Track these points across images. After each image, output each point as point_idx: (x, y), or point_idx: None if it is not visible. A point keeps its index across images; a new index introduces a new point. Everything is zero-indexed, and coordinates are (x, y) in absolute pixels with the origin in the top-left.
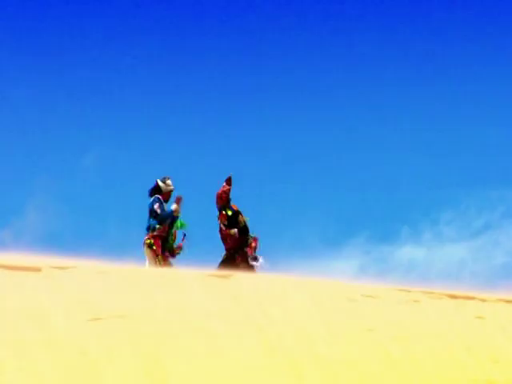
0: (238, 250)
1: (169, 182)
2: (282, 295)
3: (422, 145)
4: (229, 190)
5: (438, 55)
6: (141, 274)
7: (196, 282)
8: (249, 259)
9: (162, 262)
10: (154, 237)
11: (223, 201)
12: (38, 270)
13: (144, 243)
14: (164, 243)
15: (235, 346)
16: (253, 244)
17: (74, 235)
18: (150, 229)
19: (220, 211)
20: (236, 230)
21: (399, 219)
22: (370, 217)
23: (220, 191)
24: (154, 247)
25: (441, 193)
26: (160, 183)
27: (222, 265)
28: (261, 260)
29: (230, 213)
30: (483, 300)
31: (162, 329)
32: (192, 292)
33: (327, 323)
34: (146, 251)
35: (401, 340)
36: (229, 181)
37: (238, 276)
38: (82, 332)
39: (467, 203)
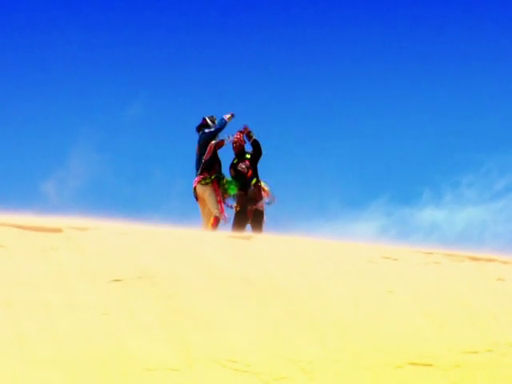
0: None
1: (216, 122)
2: (303, 257)
3: (444, 108)
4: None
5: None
6: (162, 235)
7: (217, 243)
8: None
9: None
10: (210, 176)
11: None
12: (58, 230)
13: (200, 183)
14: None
15: (257, 309)
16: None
17: (116, 186)
18: (204, 168)
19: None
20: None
21: (421, 181)
22: (391, 179)
23: (235, 139)
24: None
25: (462, 155)
26: (208, 120)
27: (238, 220)
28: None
29: (248, 156)
30: (504, 262)
31: (184, 290)
32: (213, 253)
33: (348, 285)
34: (206, 191)
35: (421, 302)
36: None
37: (258, 238)
38: (103, 293)
39: (488, 166)
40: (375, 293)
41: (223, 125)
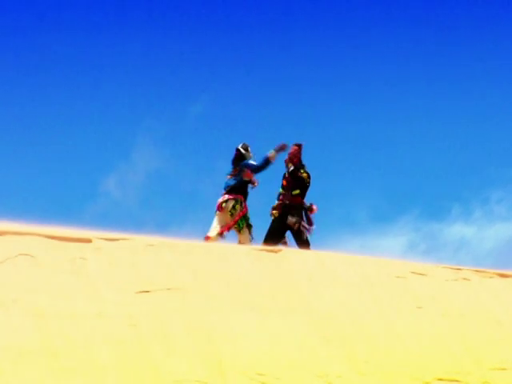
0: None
1: (249, 149)
2: (331, 271)
3: (474, 121)
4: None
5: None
6: (190, 247)
7: (246, 256)
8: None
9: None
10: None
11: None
12: (88, 241)
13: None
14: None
15: (285, 322)
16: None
17: (176, 181)
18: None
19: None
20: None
21: (450, 197)
22: (420, 194)
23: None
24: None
25: (492, 171)
26: (242, 150)
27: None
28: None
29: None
30: None
31: (212, 303)
32: (242, 266)
33: (376, 300)
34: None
35: (450, 317)
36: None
37: (287, 251)
38: (131, 304)
39: None
40: (404, 308)
41: (265, 164)
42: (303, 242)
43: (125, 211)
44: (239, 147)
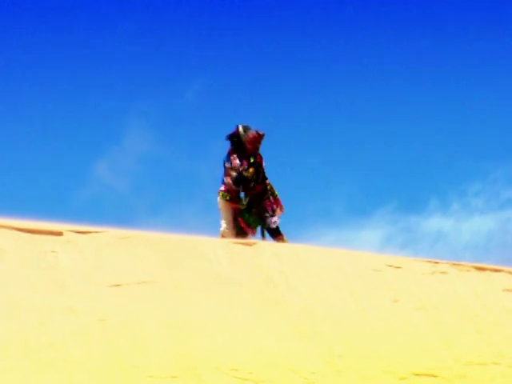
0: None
1: (250, 131)
2: (307, 265)
3: (452, 114)
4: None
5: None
6: (165, 240)
7: (220, 249)
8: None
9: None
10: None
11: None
12: (59, 234)
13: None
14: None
15: (260, 316)
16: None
17: (171, 165)
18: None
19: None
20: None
21: (427, 189)
22: (397, 186)
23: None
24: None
25: (469, 164)
26: (241, 130)
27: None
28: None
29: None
30: (511, 272)
31: (186, 297)
32: (216, 260)
33: (352, 293)
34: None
35: (426, 311)
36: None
37: (261, 244)
38: (102, 298)
39: (496, 174)
40: (380, 301)
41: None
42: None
43: (117, 197)
44: (240, 126)
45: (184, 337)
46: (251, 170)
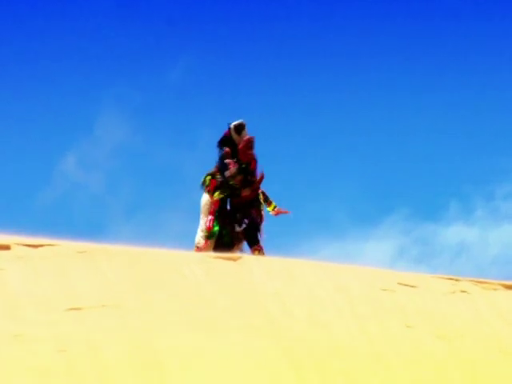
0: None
1: (244, 132)
2: (302, 283)
3: (473, 105)
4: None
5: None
6: (132, 254)
7: (199, 265)
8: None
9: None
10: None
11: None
12: (6, 248)
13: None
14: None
15: (246, 344)
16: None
17: (150, 157)
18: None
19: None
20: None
21: (446, 192)
22: (410, 189)
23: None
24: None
25: (497, 161)
26: (233, 132)
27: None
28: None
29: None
30: None
31: (158, 322)
32: (193, 278)
33: (357, 318)
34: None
35: (446, 339)
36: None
37: (248, 259)
38: (59, 325)
39: None
40: (390, 327)
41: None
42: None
43: (88, 196)
44: (232, 125)
45: (156, 370)
46: (239, 177)
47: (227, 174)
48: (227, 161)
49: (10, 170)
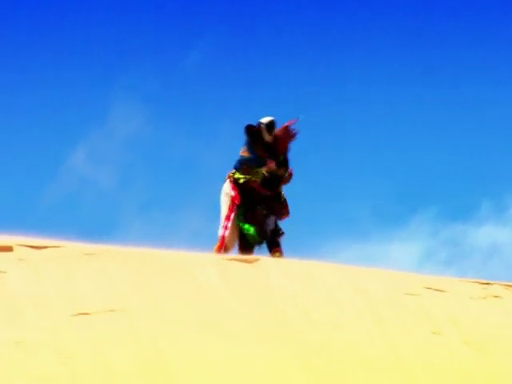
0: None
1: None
2: (323, 287)
3: (504, 100)
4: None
5: None
6: (141, 256)
7: (212, 267)
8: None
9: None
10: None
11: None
12: (8, 249)
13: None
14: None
15: (262, 351)
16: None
17: (165, 150)
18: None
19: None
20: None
21: (477, 191)
22: (438, 188)
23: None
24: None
25: None
26: (264, 129)
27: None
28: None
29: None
30: None
31: (168, 328)
32: (206, 281)
33: (379, 323)
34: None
35: (475, 346)
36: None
37: (265, 261)
38: (64, 331)
39: None
40: (416, 334)
41: None
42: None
43: (99, 193)
44: (263, 123)
45: (166, 378)
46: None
47: (265, 169)
48: (269, 165)
49: (15, 165)
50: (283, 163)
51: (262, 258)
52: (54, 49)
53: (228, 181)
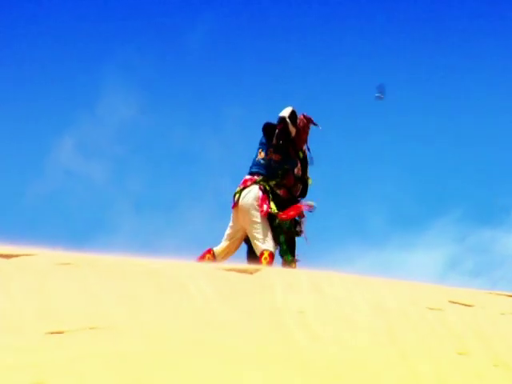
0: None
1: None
2: (333, 301)
3: None
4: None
5: None
6: (126, 266)
7: (206, 278)
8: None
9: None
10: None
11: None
12: None
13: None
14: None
15: (266, 376)
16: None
17: (161, 143)
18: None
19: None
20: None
21: (508, 191)
22: (464, 188)
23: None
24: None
25: None
26: (290, 123)
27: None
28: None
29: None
30: None
31: (156, 348)
32: (200, 295)
33: (397, 342)
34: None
35: (506, 367)
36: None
37: (267, 272)
38: (37, 351)
39: None
40: (440, 354)
41: None
42: None
43: (88, 188)
44: (286, 116)
45: None
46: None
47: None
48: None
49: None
50: (304, 162)
51: (263, 268)
52: (33, 21)
53: (258, 189)
